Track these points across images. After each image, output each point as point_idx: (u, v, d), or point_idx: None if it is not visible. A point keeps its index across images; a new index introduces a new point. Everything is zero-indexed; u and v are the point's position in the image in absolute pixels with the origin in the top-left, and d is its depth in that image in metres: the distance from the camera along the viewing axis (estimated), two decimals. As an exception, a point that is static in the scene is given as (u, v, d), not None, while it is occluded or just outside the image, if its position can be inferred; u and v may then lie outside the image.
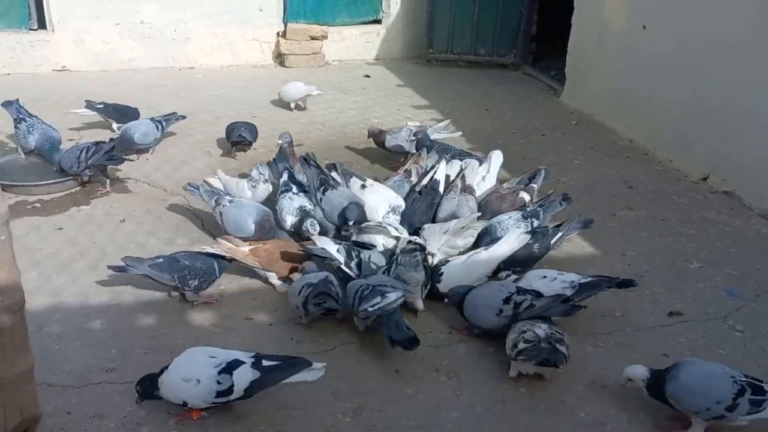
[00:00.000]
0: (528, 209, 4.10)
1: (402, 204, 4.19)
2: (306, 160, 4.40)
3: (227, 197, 4.17)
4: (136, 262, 3.53)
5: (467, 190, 4.31)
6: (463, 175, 4.40)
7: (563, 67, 7.23)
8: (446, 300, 3.49)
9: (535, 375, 3.11)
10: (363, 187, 4.29)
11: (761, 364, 3.28)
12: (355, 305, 3.24)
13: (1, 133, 5.73)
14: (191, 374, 2.72)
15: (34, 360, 2.61)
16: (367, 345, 3.32)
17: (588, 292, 3.42)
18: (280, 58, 8.31)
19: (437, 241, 3.85)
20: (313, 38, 8.25)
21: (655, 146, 5.82)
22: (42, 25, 7.61)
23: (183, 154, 5.44)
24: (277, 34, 8.30)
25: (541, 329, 3.05)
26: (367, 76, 8.03)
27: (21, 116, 5.05)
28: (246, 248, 3.73)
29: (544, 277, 3.49)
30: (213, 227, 4.26)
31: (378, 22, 8.77)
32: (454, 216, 4.09)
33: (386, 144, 5.25)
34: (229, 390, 2.71)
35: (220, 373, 2.71)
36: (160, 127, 5.33)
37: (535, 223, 3.98)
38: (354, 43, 8.66)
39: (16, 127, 5.08)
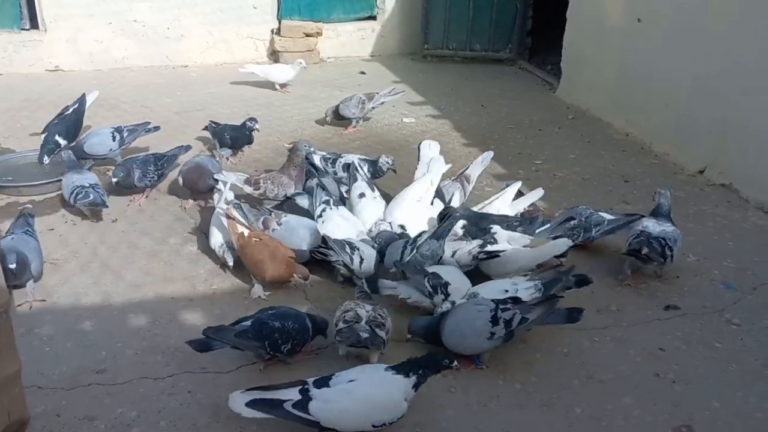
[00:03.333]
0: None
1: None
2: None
3: (275, 219, 3.92)
4: (221, 333, 2.96)
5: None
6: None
7: (559, 61, 7.19)
8: (409, 336, 3.19)
9: (527, 369, 3.12)
10: (361, 196, 4.20)
11: (758, 357, 3.26)
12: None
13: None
14: None
15: (22, 362, 2.59)
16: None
17: (553, 291, 3.32)
18: (274, 55, 8.26)
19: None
20: (307, 35, 8.20)
21: (652, 140, 5.79)
22: (34, 24, 7.55)
23: (176, 152, 5.38)
24: (272, 31, 8.26)
25: (364, 310, 3.07)
26: (363, 73, 7.99)
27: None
28: (244, 230, 3.64)
29: (506, 290, 3.29)
30: (206, 226, 4.20)
31: (373, 18, 8.72)
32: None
33: (341, 113, 6.03)
34: None
35: None
36: (117, 138, 4.94)
37: None
38: (349, 40, 8.62)
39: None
